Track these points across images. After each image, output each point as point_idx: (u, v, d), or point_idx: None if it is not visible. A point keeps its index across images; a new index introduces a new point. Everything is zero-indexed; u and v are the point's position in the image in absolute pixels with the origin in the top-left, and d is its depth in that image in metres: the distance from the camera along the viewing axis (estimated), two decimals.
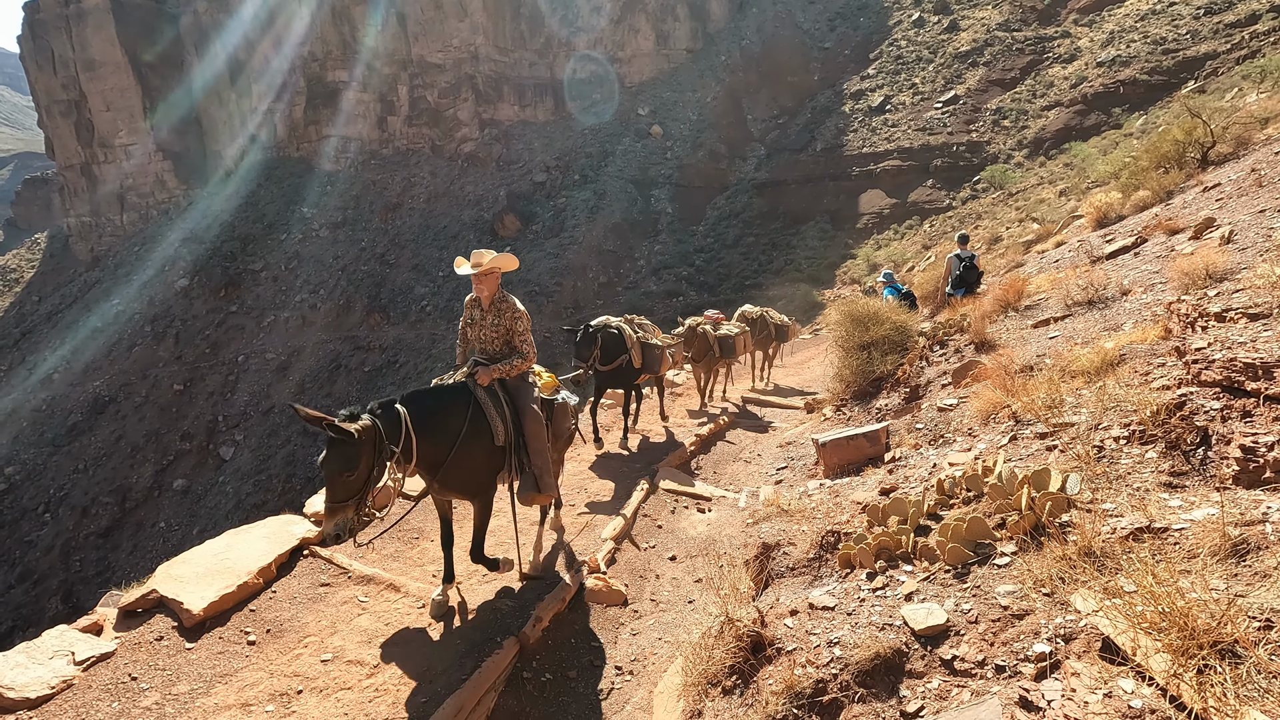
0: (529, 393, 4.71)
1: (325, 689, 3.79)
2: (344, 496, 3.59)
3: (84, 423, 46.42)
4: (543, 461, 4.58)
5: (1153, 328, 4.82)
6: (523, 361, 4.66)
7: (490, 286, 4.70)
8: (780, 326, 14.24)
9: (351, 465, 3.55)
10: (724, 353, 10.93)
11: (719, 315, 11.68)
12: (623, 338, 8.12)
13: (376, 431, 3.68)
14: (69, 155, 61.96)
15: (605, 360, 7.92)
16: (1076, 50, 42.67)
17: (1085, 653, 2.16)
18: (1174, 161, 12.41)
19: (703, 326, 10.59)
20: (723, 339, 10.90)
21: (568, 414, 5.32)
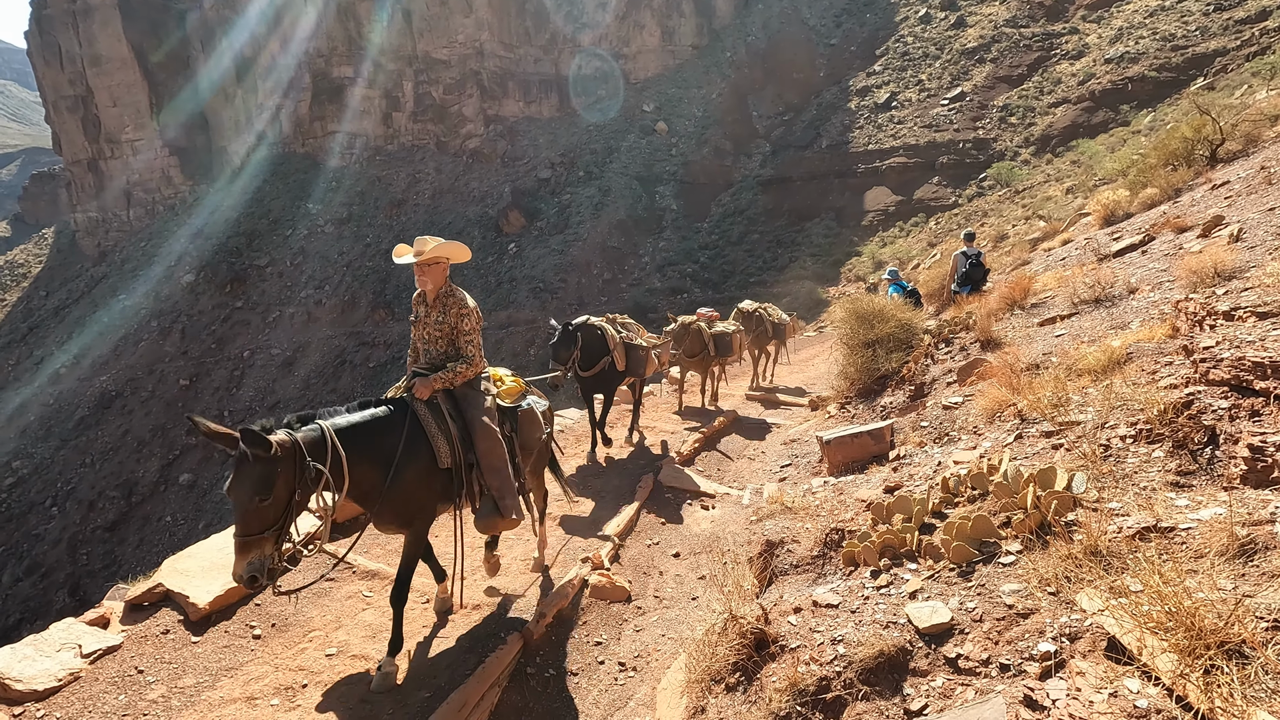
0: (480, 403, 4.12)
1: (329, 683, 3.80)
2: (258, 528, 2.97)
3: (91, 417, 46.66)
4: (501, 481, 4.02)
5: (1160, 326, 4.79)
6: (467, 367, 4.07)
7: (435, 278, 4.10)
8: (779, 324, 13.86)
9: (266, 489, 2.94)
10: (720, 351, 10.51)
11: (713, 313, 11.27)
12: (605, 339, 7.66)
13: (297, 448, 3.09)
14: (76, 151, 62.16)
15: (586, 363, 7.44)
16: (1084, 47, 42.40)
17: (1091, 652, 2.15)
18: (1182, 159, 12.33)
19: (697, 324, 10.20)
20: (719, 336, 10.49)
21: (536, 423, 4.68)
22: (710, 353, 10.29)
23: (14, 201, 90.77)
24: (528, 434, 4.58)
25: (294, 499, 3.09)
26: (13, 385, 51.95)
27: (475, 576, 5.05)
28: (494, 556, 4.95)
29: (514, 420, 4.48)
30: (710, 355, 10.32)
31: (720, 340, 10.48)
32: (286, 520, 3.07)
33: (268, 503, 2.96)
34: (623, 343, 7.89)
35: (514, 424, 4.46)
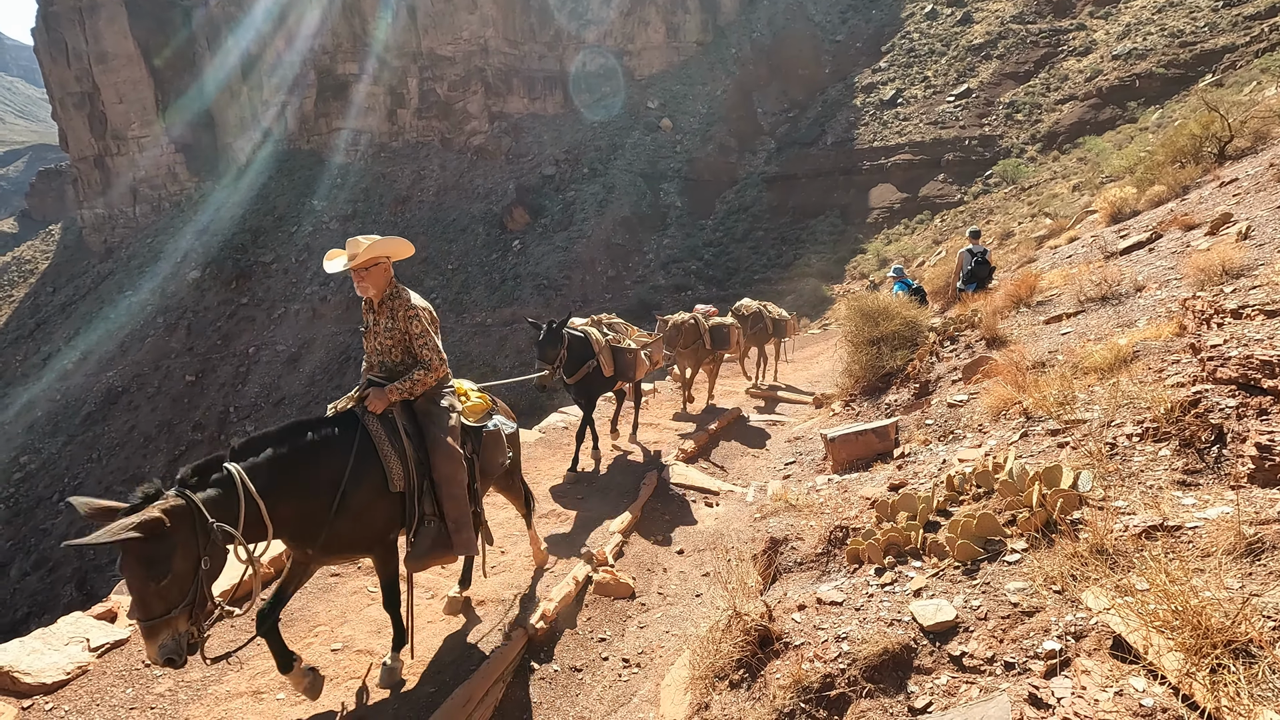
0: (442, 420, 3.66)
1: (335, 677, 3.82)
2: (162, 609, 2.54)
3: (98, 413, 46.93)
4: (460, 510, 3.59)
5: (1167, 324, 4.77)
6: (426, 374, 3.64)
7: (376, 281, 3.66)
8: (779, 321, 13.45)
9: (161, 569, 2.52)
10: (716, 344, 10.16)
11: (711, 309, 10.97)
12: (589, 342, 7.17)
13: (192, 511, 2.67)
14: (82, 148, 62.40)
15: (569, 369, 6.98)
16: (1092, 43, 42.15)
17: (1096, 650, 2.14)
18: (1190, 156, 12.26)
19: (693, 317, 10.00)
20: (715, 329, 10.16)
21: (500, 446, 4.20)
22: (706, 345, 10.03)
23: (21, 198, 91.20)
24: (490, 457, 4.10)
25: (202, 569, 2.67)
26: (20, 381, 52.27)
27: (478, 572, 5.06)
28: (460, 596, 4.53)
29: (477, 441, 4.01)
30: (706, 348, 10.06)
31: (716, 333, 10.19)
32: (196, 592, 2.64)
33: (166, 582, 2.54)
34: (609, 346, 7.41)
35: (477, 445, 4.00)
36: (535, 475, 7.14)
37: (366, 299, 3.77)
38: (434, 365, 3.68)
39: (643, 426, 9.01)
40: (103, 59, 59.86)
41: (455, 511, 3.59)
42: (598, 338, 7.32)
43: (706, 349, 10.12)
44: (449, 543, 3.59)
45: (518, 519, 6.13)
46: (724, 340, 10.26)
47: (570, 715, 3.82)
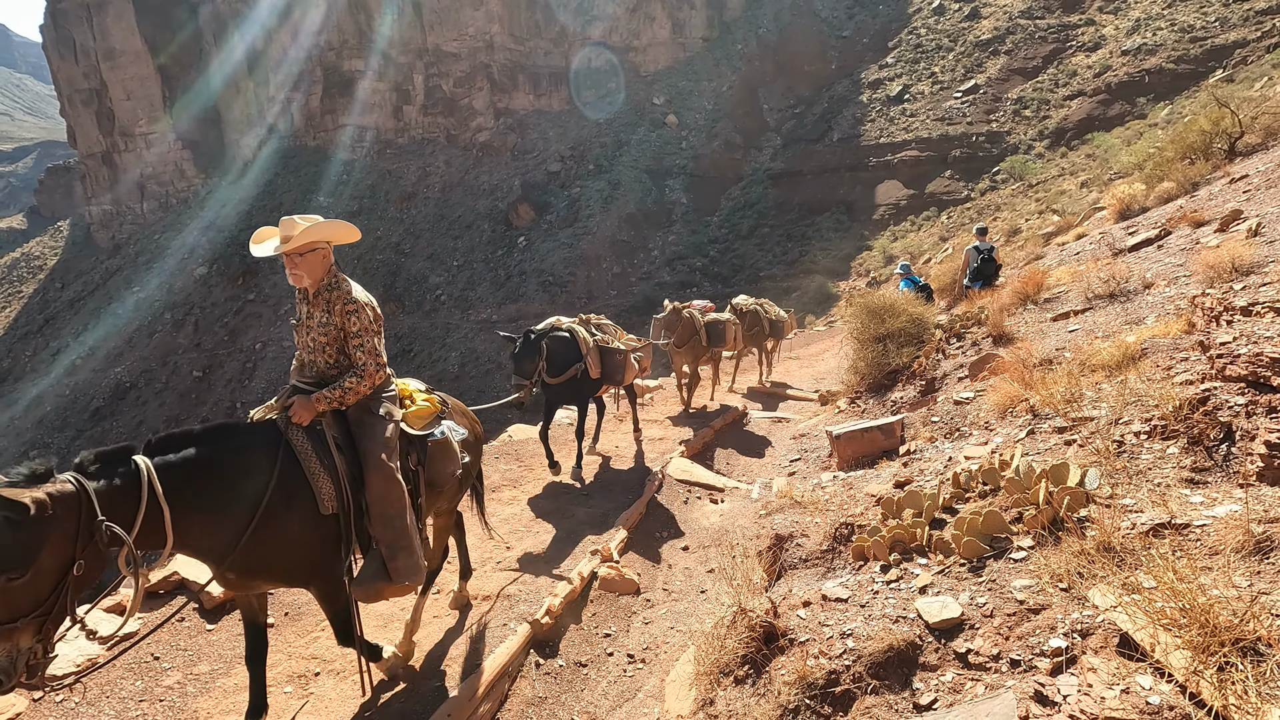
0: (377, 431, 3.21)
1: (342, 671, 3.85)
2: (7, 616, 2.09)
3: (106, 408, 47.25)
4: (395, 534, 3.14)
5: (1176, 321, 4.75)
6: (359, 381, 3.17)
7: (312, 269, 3.19)
8: (776, 321, 13.00)
9: (19, 562, 2.08)
10: (712, 340, 9.77)
11: (708, 304, 10.56)
12: (576, 342, 6.80)
13: (80, 502, 2.26)
14: (90, 144, 62.71)
15: (555, 371, 6.55)
16: (1101, 38, 41.84)
17: (1102, 648, 2.14)
18: (1200, 152, 12.18)
19: (688, 310, 9.52)
20: (711, 325, 9.78)
21: (450, 455, 3.68)
22: (702, 342, 9.58)
23: (30, 194, 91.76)
24: (438, 469, 3.62)
25: (71, 573, 2.22)
26: (29, 376, 52.64)
27: (485, 567, 5.08)
28: (460, 591, 4.49)
29: (422, 451, 3.54)
30: (702, 345, 9.61)
31: (713, 329, 9.79)
32: (56, 601, 2.19)
33: (21, 581, 2.09)
34: (597, 347, 6.99)
35: (422, 456, 3.53)
36: (540, 471, 7.15)
37: (301, 289, 3.30)
38: (368, 371, 3.19)
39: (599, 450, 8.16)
40: (110, 55, 60.12)
41: (389, 535, 3.13)
42: (585, 337, 6.91)
43: (703, 346, 9.68)
44: (388, 572, 3.12)
45: (525, 512, 6.15)
46: (721, 337, 9.87)
47: (576, 710, 3.83)
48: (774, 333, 12.90)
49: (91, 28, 60.29)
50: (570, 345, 6.75)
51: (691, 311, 9.54)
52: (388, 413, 3.32)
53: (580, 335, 6.87)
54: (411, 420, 3.53)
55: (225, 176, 59.98)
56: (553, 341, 6.53)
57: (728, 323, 10.17)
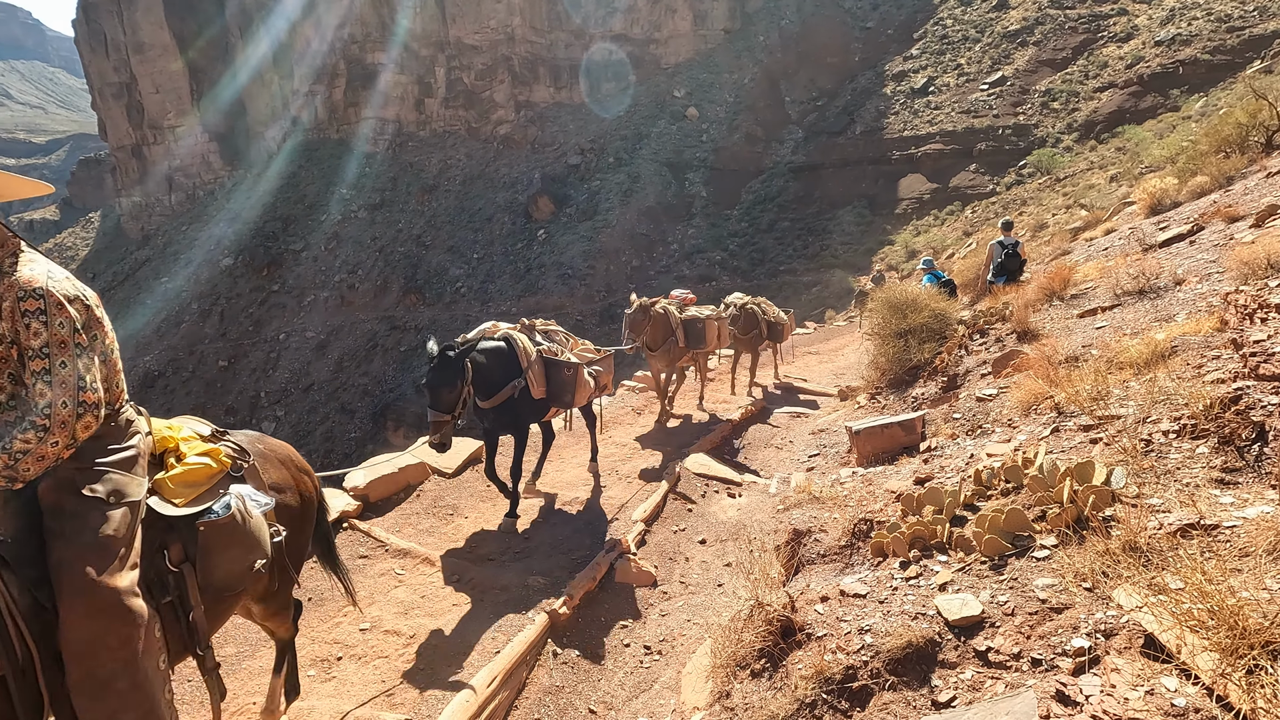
0: (85, 527, 1.91)
1: (364, 656, 3.92)
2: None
3: (134, 396, 47.79)
4: (119, 705, 1.84)
5: (1208, 319, 4.64)
6: (40, 438, 1.88)
7: None
8: (775, 324, 11.42)
9: None
10: (691, 340, 8.44)
11: (689, 296, 9.24)
12: (514, 355, 5.39)
13: None
14: (120, 137, 63.99)
15: (486, 391, 5.14)
16: (1133, 29, 40.85)
17: (1127, 649, 2.11)
18: (1236, 145, 11.86)
19: (661, 306, 8.14)
20: (689, 323, 8.44)
21: (244, 540, 2.39)
22: (679, 343, 8.27)
23: (62, 186, 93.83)
24: (222, 564, 2.32)
25: None
26: None
27: (505, 558, 5.13)
28: None
29: (193, 543, 2.25)
30: (679, 346, 8.29)
31: (691, 327, 8.45)
32: None
33: None
34: (541, 359, 5.60)
35: (193, 550, 2.24)
36: (558, 463, 7.20)
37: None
38: (59, 418, 1.89)
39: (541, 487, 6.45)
40: (140, 49, 61.20)
41: (102, 711, 1.83)
42: (526, 347, 5.47)
43: (680, 348, 8.29)
44: None
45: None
46: (700, 337, 8.57)
47: (592, 700, 3.87)
48: (772, 335, 11.41)
49: (122, 22, 61.41)
50: (506, 358, 5.35)
51: (666, 307, 8.23)
52: (113, 491, 2.01)
53: (520, 345, 5.44)
54: (171, 492, 2.25)
55: (250, 169, 60.87)
56: (479, 359, 5.01)
57: (708, 320, 8.85)
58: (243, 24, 62.09)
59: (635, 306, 7.62)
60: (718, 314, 9.54)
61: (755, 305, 10.92)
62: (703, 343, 8.64)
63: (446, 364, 4.53)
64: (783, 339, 12.02)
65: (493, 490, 6.19)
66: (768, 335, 11.13)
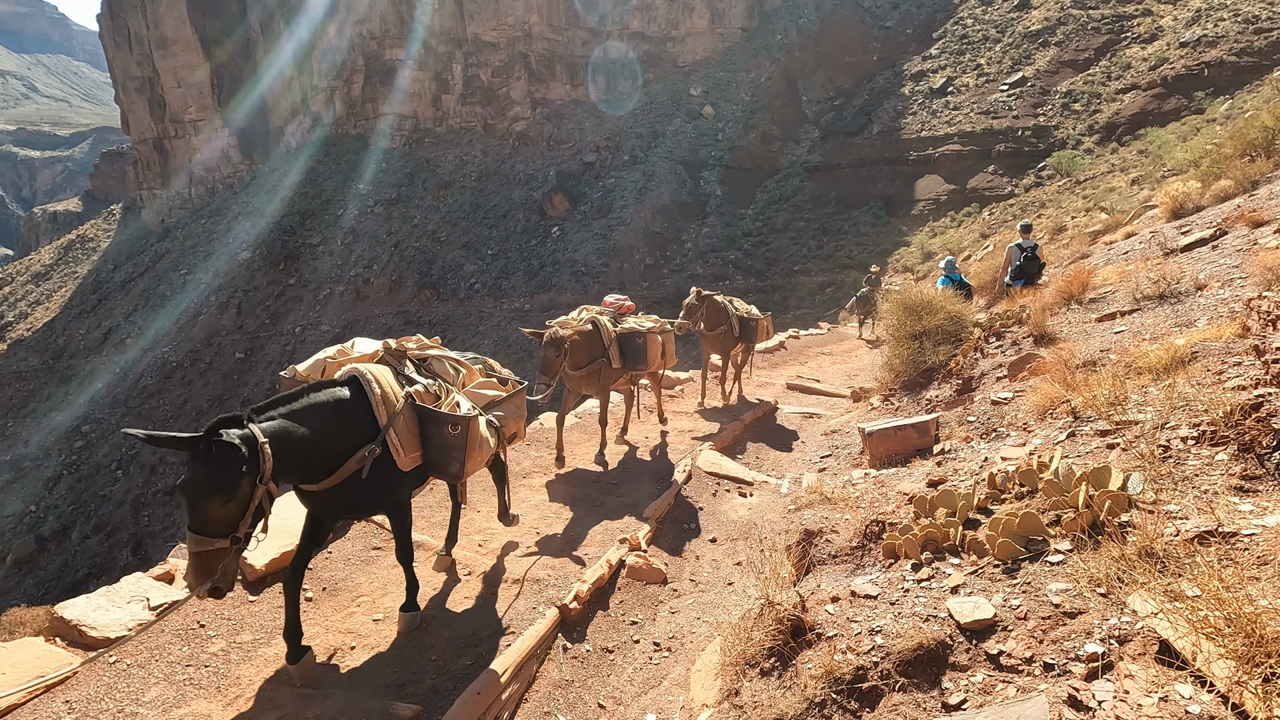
0: None
1: (376, 646, 3.96)
2: None
3: (153, 386, 49.00)
4: None
5: (1229, 325, 4.58)
6: None
7: None
8: (747, 321, 9.76)
9: None
10: (628, 361, 6.95)
11: (624, 303, 7.61)
12: (366, 400, 3.62)
13: None
14: (143, 130, 64.79)
15: (311, 471, 3.40)
16: (1158, 29, 40.22)
17: (1141, 655, 2.10)
18: (1261, 149, 11.67)
19: (590, 322, 6.78)
20: (626, 339, 6.94)
21: None
22: (613, 364, 6.86)
23: (85, 178, 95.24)
24: None
25: None
26: (83, 354, 54.85)
27: (520, 550, 5.16)
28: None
29: None
30: (613, 367, 6.89)
31: (628, 345, 6.94)
32: None
33: None
34: (410, 408, 3.77)
35: None
36: (570, 459, 7.22)
37: None
38: None
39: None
40: (162, 44, 61.93)
41: None
42: (385, 390, 3.68)
43: (615, 369, 6.85)
44: None
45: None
46: (639, 356, 6.99)
47: (602, 695, 3.89)
48: (744, 336, 9.73)
49: (145, 17, 62.17)
50: (351, 415, 3.54)
51: (598, 321, 6.83)
52: None
53: (380, 389, 3.64)
54: None
55: (269, 164, 61.45)
56: (299, 420, 3.26)
57: (650, 335, 7.19)
58: (264, 19, 62.66)
59: (546, 338, 5.85)
60: (662, 325, 7.82)
61: (727, 302, 9.58)
62: (643, 362, 7.03)
63: (210, 460, 2.87)
64: (755, 341, 10.15)
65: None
66: (740, 335, 9.57)
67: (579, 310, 7.19)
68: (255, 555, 4.43)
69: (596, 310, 7.20)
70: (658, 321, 7.87)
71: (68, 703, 3.29)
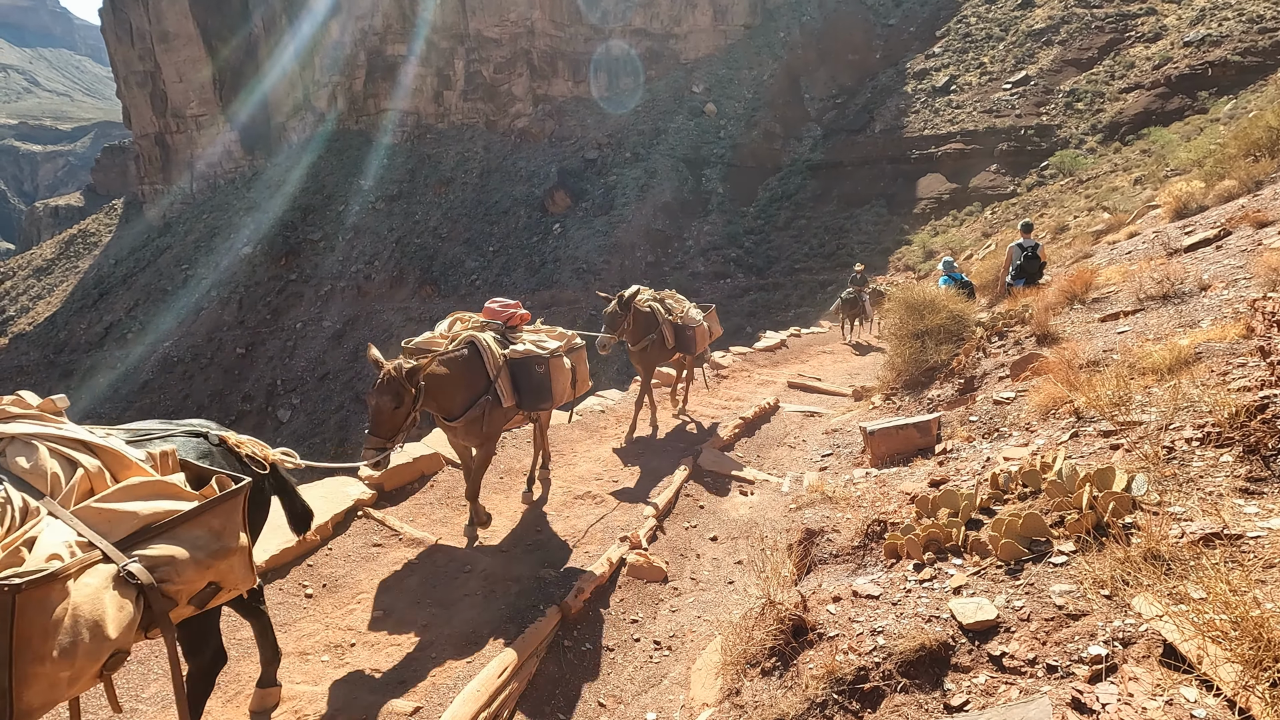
0: None
1: (376, 644, 3.96)
2: None
3: (154, 381, 49.06)
4: None
5: (1234, 325, 4.56)
6: None
7: None
8: (683, 330, 7.96)
9: None
10: (526, 397, 5.07)
11: (514, 311, 5.48)
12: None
13: None
14: (144, 125, 64.80)
15: None
16: (1162, 29, 40.11)
17: (1145, 658, 2.09)
18: (1266, 149, 11.62)
19: (470, 340, 4.86)
20: (521, 366, 5.03)
21: None
22: (504, 401, 4.92)
23: (87, 173, 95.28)
24: None
25: None
26: (84, 349, 54.91)
27: (517, 549, 5.15)
28: None
29: None
30: (498, 406, 4.89)
31: (524, 374, 5.04)
32: None
33: None
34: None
35: None
36: (570, 456, 7.21)
37: None
38: None
39: None
40: (164, 39, 61.88)
41: None
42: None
43: (505, 409, 4.93)
44: None
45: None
46: (542, 389, 5.06)
47: (602, 693, 3.88)
48: (680, 345, 7.98)
49: (147, 11, 62.14)
50: None
51: (478, 342, 4.86)
52: None
53: None
54: None
55: (271, 159, 61.42)
56: None
57: (552, 359, 5.13)
58: (266, 15, 62.60)
59: (379, 381, 4.04)
60: (569, 341, 5.77)
61: (660, 300, 7.92)
62: (546, 397, 5.11)
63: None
64: (695, 350, 8.22)
65: (505, 481, 6.23)
66: (675, 344, 7.89)
67: (450, 321, 5.18)
68: (255, 552, 4.42)
69: (475, 322, 5.20)
70: (562, 335, 5.76)
71: None
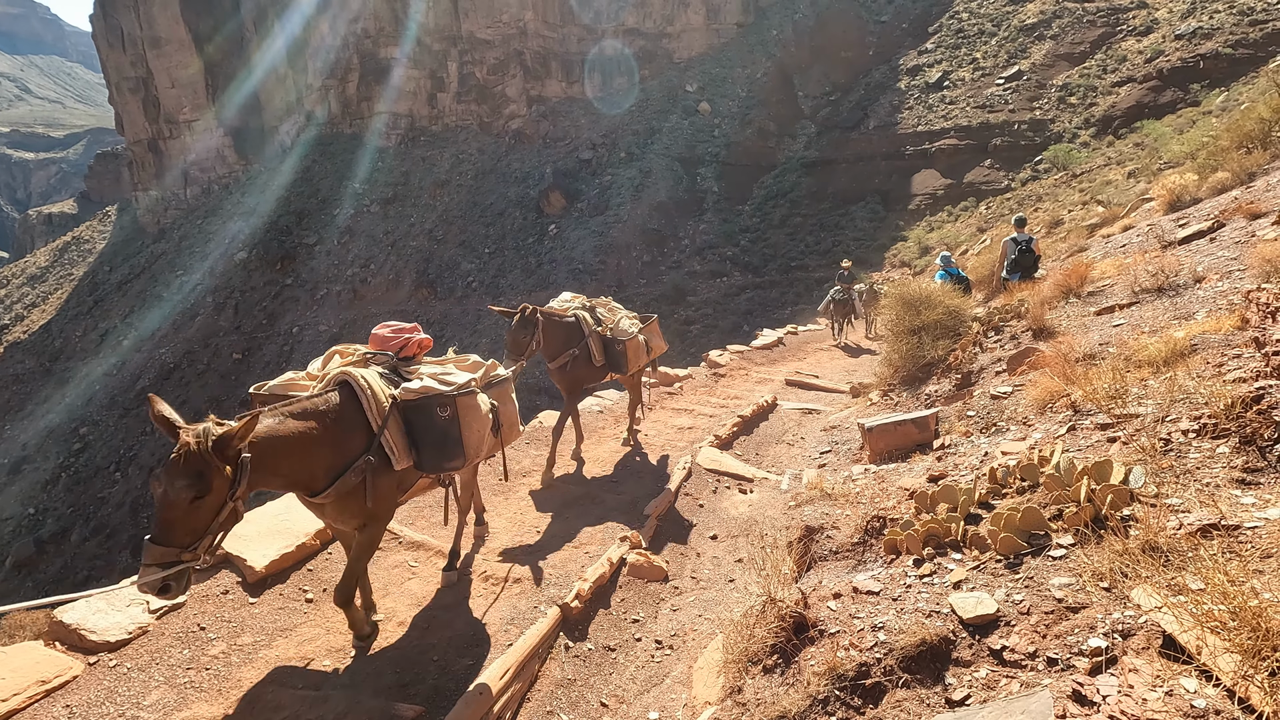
0: None
1: (377, 647, 3.95)
2: None
3: (151, 387, 48.85)
4: None
5: (1228, 317, 4.58)
6: None
7: None
8: (612, 344, 6.78)
9: None
10: (429, 454, 3.76)
11: (412, 336, 4.25)
12: None
13: None
14: (137, 131, 64.55)
15: None
16: (1153, 22, 40.21)
17: (1145, 649, 2.09)
18: (1258, 141, 11.65)
19: (337, 380, 3.57)
20: (418, 408, 3.73)
21: None
22: (391, 459, 3.60)
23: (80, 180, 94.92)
24: None
25: None
26: (80, 356, 54.71)
27: (519, 547, 5.15)
28: None
29: None
30: (388, 469, 3.60)
31: (423, 417, 3.76)
32: None
33: None
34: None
35: None
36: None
37: None
38: None
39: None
40: (156, 44, 61.67)
41: None
42: None
43: (396, 471, 3.65)
44: None
45: None
46: (446, 441, 3.79)
47: (604, 693, 3.88)
48: (611, 362, 6.81)
49: (138, 17, 61.90)
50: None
51: (352, 381, 3.58)
52: None
53: None
54: None
55: (265, 163, 61.26)
56: None
57: (460, 401, 3.85)
58: (258, 18, 62.39)
59: (171, 460, 3.00)
60: (489, 372, 4.59)
61: (585, 311, 6.79)
62: (457, 455, 3.84)
63: None
64: (625, 368, 6.87)
65: (505, 485, 6.22)
66: (604, 361, 6.76)
67: (326, 356, 3.97)
68: (255, 557, 4.42)
69: (358, 354, 3.97)
70: (478, 365, 4.55)
71: (68, 707, 3.27)
